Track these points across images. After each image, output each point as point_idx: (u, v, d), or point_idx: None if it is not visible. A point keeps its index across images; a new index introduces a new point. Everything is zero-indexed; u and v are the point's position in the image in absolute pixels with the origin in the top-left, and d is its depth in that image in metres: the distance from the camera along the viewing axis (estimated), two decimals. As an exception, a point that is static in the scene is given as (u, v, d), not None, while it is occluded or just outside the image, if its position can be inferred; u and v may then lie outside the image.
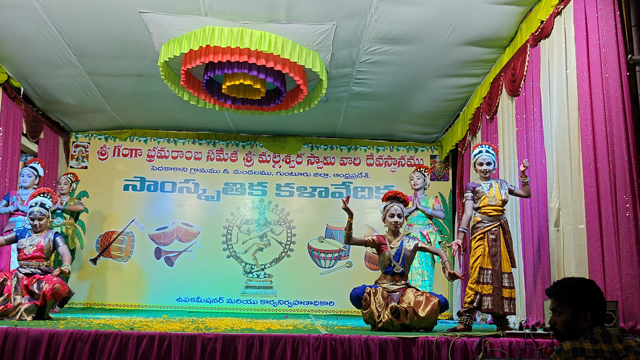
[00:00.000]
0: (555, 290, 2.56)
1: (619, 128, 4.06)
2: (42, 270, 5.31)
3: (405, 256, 5.00)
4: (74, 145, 9.10)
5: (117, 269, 8.69)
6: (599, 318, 2.47)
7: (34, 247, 5.36)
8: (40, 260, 5.36)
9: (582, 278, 2.58)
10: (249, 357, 3.60)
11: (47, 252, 5.42)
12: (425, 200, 6.97)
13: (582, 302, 2.48)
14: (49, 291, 5.03)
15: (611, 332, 2.41)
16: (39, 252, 5.35)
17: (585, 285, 2.52)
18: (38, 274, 5.24)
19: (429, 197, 7.07)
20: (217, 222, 8.95)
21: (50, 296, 5.05)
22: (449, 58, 6.43)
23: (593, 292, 2.49)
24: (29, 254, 5.33)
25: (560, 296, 2.54)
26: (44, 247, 5.39)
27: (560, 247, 4.82)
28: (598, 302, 2.48)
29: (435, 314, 4.59)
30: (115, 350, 3.56)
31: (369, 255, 8.78)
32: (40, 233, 5.48)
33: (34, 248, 5.35)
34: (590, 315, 2.46)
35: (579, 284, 2.53)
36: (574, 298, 2.51)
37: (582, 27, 4.54)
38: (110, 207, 8.90)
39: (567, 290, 2.53)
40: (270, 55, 5.84)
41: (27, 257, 5.33)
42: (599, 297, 2.49)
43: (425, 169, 7.20)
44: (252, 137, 9.24)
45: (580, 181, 4.48)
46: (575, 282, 2.54)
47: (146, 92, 7.62)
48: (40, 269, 5.32)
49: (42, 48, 6.35)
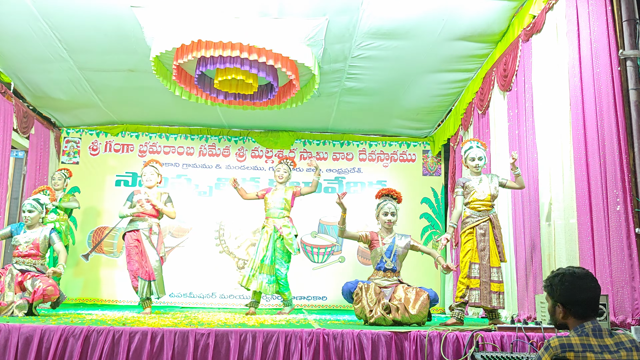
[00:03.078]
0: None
1: (610, 123, 4.08)
2: (37, 270, 5.29)
3: (396, 253, 5.04)
4: (65, 141, 9.06)
5: (109, 265, 8.67)
6: (578, 312, 2.40)
7: (29, 245, 5.33)
8: (36, 258, 5.34)
9: (569, 269, 2.48)
10: (242, 352, 3.60)
11: (43, 249, 5.40)
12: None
13: (554, 294, 2.47)
14: (41, 291, 5.02)
15: (603, 326, 2.39)
16: (34, 249, 5.33)
17: (560, 277, 2.45)
18: (33, 272, 5.23)
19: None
20: (209, 217, 8.93)
21: (40, 296, 5.04)
22: (441, 53, 6.43)
23: (567, 286, 2.42)
24: (24, 251, 5.31)
25: (544, 284, 2.56)
26: (39, 244, 5.37)
27: (552, 242, 4.85)
28: (569, 298, 2.41)
29: (425, 309, 4.64)
30: (107, 346, 3.55)
31: (361, 250, 8.79)
32: (34, 229, 5.45)
33: (29, 245, 5.33)
34: (562, 309, 2.43)
35: (556, 275, 2.48)
36: (548, 289, 2.51)
37: (574, 22, 4.56)
38: (102, 203, 8.87)
39: (547, 280, 2.53)
40: (262, 49, 5.82)
41: (22, 254, 5.30)
42: (570, 291, 2.41)
43: (291, 162, 6.70)
44: (245, 132, 9.22)
45: (572, 176, 4.51)
46: (556, 273, 2.50)
47: (138, 87, 7.58)
48: (36, 267, 5.30)
49: (32, 43, 6.30)
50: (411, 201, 8.72)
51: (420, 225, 8.94)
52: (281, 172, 6.52)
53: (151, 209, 6.03)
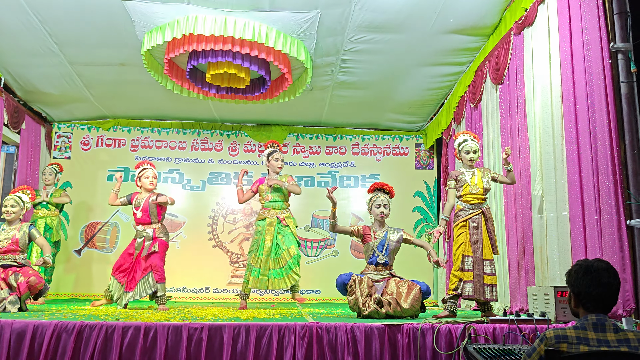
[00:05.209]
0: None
1: (601, 116, 4.09)
2: (19, 264, 5.29)
3: (389, 247, 5.05)
4: (56, 136, 9.01)
5: (102, 260, 8.64)
6: (588, 305, 2.39)
7: (9, 241, 5.33)
8: (16, 254, 5.34)
9: (588, 261, 2.46)
10: (235, 346, 3.60)
11: (23, 245, 5.38)
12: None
13: (570, 282, 2.48)
14: (25, 284, 5.02)
15: (609, 322, 2.31)
16: (13, 245, 5.32)
17: (578, 267, 2.46)
18: (15, 267, 5.23)
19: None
20: (202, 212, 8.92)
21: (26, 289, 5.03)
22: (434, 46, 6.43)
23: (581, 277, 2.42)
24: (3, 247, 5.30)
25: (567, 271, 2.55)
26: (18, 240, 5.36)
27: (544, 234, 4.87)
28: (581, 289, 2.41)
29: (417, 303, 4.65)
30: (100, 341, 3.54)
31: (355, 244, 8.81)
32: (14, 225, 5.44)
33: (9, 242, 5.32)
34: (575, 299, 2.44)
35: (577, 264, 2.48)
36: (567, 276, 2.50)
37: (565, 16, 4.57)
38: (94, 198, 8.84)
39: (571, 268, 2.52)
40: (254, 43, 5.80)
41: (1, 251, 5.29)
42: (583, 284, 2.41)
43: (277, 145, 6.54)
44: (237, 126, 9.20)
45: (564, 168, 4.53)
46: (578, 262, 2.50)
47: (129, 82, 7.54)
48: (17, 262, 5.30)
49: (22, 37, 6.25)
50: (404, 195, 8.73)
51: (413, 218, 8.97)
52: (280, 161, 6.39)
53: (142, 215, 5.97)
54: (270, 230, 6.15)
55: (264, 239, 6.12)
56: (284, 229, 6.16)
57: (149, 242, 5.84)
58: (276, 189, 6.28)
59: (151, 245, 5.82)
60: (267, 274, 6.05)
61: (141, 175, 6.13)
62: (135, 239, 5.95)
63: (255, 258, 6.11)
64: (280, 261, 6.07)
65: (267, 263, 6.06)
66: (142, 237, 5.89)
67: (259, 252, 6.11)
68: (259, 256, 6.09)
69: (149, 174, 6.11)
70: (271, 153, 6.40)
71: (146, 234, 5.88)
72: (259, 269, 6.06)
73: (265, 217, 6.25)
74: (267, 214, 6.25)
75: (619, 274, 2.46)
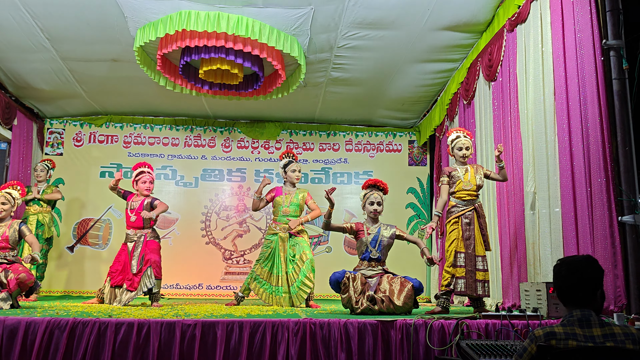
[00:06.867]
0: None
1: (594, 112, 4.12)
2: (9, 261, 5.27)
3: (382, 243, 5.06)
4: (48, 132, 8.96)
5: (94, 257, 8.62)
6: (563, 298, 2.42)
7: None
8: (6, 251, 5.31)
9: (569, 257, 2.49)
10: (229, 342, 3.60)
11: (13, 242, 5.35)
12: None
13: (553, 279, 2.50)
14: (14, 281, 5.00)
15: (593, 316, 2.32)
16: (4, 242, 5.30)
17: (558, 262, 2.48)
18: (5, 264, 5.21)
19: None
20: (195, 208, 8.90)
21: (16, 285, 5.01)
22: (427, 43, 6.44)
23: (556, 271, 2.44)
24: None
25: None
26: (9, 237, 5.33)
27: (536, 230, 4.89)
28: (556, 283, 2.44)
29: (410, 300, 4.66)
30: (93, 338, 3.53)
31: (348, 240, 8.82)
32: (4, 222, 5.41)
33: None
34: (557, 294, 2.46)
35: (558, 260, 2.51)
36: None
37: (558, 13, 4.59)
38: (86, 195, 8.80)
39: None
40: (247, 39, 5.79)
41: None
42: (558, 277, 2.43)
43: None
44: (230, 122, 9.18)
45: (556, 165, 4.55)
46: (560, 259, 2.52)
47: (121, 78, 7.51)
48: (7, 259, 5.28)
49: (13, 32, 6.20)
50: (397, 191, 8.74)
51: (406, 215, 8.98)
52: (298, 172, 6.15)
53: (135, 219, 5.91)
54: (283, 247, 5.94)
55: (279, 256, 5.91)
56: (297, 239, 5.96)
57: (140, 247, 5.77)
58: (294, 204, 6.04)
59: (142, 249, 5.74)
60: (277, 291, 5.82)
61: (138, 179, 6.00)
62: (126, 244, 5.87)
63: (262, 270, 5.94)
64: (294, 275, 5.82)
65: (279, 280, 5.84)
66: (133, 242, 5.83)
67: (265, 265, 5.93)
68: (264, 268, 5.92)
69: (146, 178, 5.98)
70: (287, 164, 6.17)
71: (137, 238, 5.82)
72: (271, 285, 5.86)
73: (276, 233, 6.01)
74: (279, 229, 6.02)
75: (604, 270, 2.47)
